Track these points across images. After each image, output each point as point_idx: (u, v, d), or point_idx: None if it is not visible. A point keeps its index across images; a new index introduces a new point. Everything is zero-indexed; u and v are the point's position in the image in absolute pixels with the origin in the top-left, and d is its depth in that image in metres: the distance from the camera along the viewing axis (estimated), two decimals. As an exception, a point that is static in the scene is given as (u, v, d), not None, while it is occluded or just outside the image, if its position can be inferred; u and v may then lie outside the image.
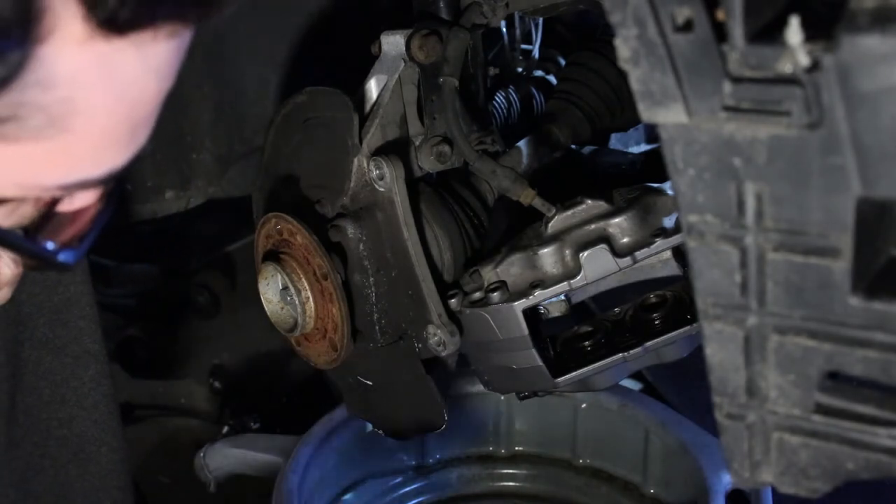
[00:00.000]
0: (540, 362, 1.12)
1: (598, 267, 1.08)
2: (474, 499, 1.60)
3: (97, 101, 0.53)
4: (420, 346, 1.17)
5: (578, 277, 1.08)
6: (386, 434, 1.34)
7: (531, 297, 1.09)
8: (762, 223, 0.64)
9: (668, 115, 0.62)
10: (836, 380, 0.69)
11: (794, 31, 0.54)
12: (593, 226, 1.09)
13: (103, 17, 0.50)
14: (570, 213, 1.11)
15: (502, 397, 1.55)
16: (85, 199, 0.63)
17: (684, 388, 1.69)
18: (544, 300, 1.11)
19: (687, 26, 0.57)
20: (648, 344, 1.11)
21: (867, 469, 0.70)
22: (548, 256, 1.10)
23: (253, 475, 1.55)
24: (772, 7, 0.57)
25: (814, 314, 0.66)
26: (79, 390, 1.25)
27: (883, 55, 0.53)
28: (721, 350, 0.71)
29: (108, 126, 0.55)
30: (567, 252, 1.09)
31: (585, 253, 1.08)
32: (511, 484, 1.60)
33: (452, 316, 1.14)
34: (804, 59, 0.55)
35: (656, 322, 1.14)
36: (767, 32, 0.57)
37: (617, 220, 1.08)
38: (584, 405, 1.53)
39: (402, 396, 1.25)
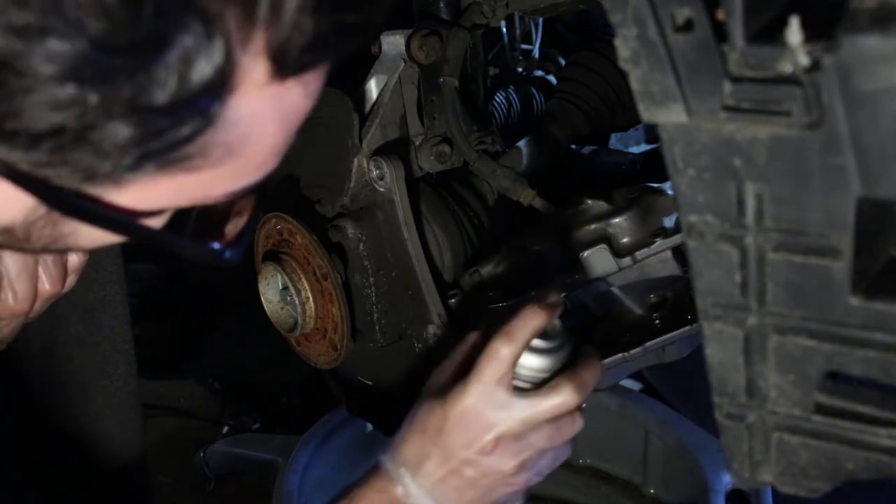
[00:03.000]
0: None
1: (597, 266, 1.08)
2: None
3: (267, 130, 0.61)
4: (420, 346, 1.17)
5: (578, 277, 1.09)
6: (386, 434, 1.34)
7: (531, 296, 1.09)
8: (762, 223, 0.64)
9: (668, 115, 0.62)
10: (836, 380, 0.69)
11: (794, 32, 0.54)
12: (593, 226, 1.09)
13: (285, 68, 0.57)
14: (570, 213, 1.11)
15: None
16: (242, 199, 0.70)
17: (684, 388, 1.69)
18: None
19: (687, 26, 0.57)
20: (648, 344, 1.12)
21: (867, 469, 0.70)
22: (549, 258, 1.10)
23: (253, 475, 1.55)
24: (772, 7, 0.57)
25: (814, 314, 0.66)
26: (107, 389, 1.28)
27: (883, 55, 0.53)
28: (721, 350, 0.71)
29: (272, 145, 0.63)
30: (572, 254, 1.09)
31: (585, 253, 1.08)
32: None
33: (452, 316, 1.14)
34: (804, 59, 0.55)
35: (656, 322, 1.14)
36: (767, 32, 0.56)
37: (617, 220, 1.08)
38: (584, 405, 1.52)
39: (402, 396, 1.25)
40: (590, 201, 1.11)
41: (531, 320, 0.93)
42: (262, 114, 0.59)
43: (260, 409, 1.83)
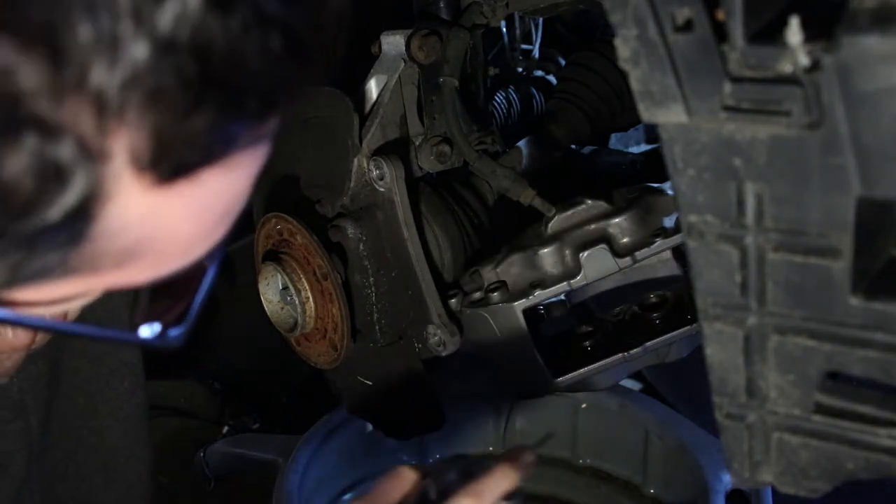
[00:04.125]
0: (540, 362, 1.12)
1: (598, 267, 1.08)
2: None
3: (178, 227, 0.50)
4: (420, 346, 1.17)
5: (578, 277, 1.09)
6: (386, 434, 1.34)
7: (531, 297, 1.09)
8: (762, 223, 0.64)
9: (668, 115, 0.62)
10: (836, 380, 0.69)
11: (794, 32, 0.54)
12: (593, 226, 1.09)
13: (159, 175, 0.46)
14: (570, 213, 1.11)
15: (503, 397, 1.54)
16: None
17: (684, 388, 1.69)
18: (544, 300, 1.11)
19: (687, 26, 0.57)
20: (648, 344, 1.12)
21: (867, 469, 0.70)
22: (548, 256, 1.10)
23: (253, 475, 1.55)
24: (772, 7, 0.57)
25: (814, 314, 0.66)
26: (113, 401, 1.26)
27: (883, 55, 0.53)
28: (721, 350, 0.71)
29: (193, 234, 0.52)
30: (567, 252, 1.09)
31: (585, 253, 1.08)
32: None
33: (452, 316, 1.14)
34: (804, 59, 0.55)
35: (656, 322, 1.14)
36: (767, 32, 0.57)
37: (617, 220, 1.08)
38: (584, 405, 1.52)
39: (402, 396, 1.25)
40: (590, 201, 1.11)
41: (503, 482, 0.82)
42: (163, 215, 0.48)
43: (260, 409, 1.83)
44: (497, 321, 1.11)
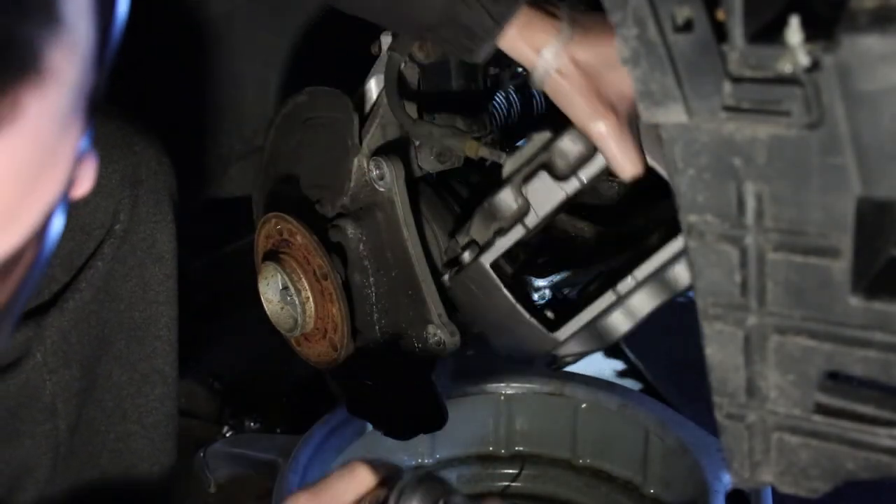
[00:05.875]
0: (528, 316, 1.06)
1: (542, 196, 1.00)
2: (474, 499, 1.60)
3: None
4: (420, 346, 1.17)
5: (530, 215, 1.01)
6: (386, 434, 1.34)
7: (493, 246, 1.05)
8: (762, 223, 0.64)
9: (668, 115, 0.62)
10: (836, 380, 0.69)
11: (794, 31, 0.54)
12: (537, 157, 1.02)
13: None
14: (518, 153, 1.04)
15: (502, 397, 1.55)
16: None
17: (684, 388, 1.69)
18: (507, 247, 1.05)
19: (687, 26, 0.57)
20: (636, 272, 0.98)
21: (867, 469, 0.71)
22: (502, 202, 1.04)
23: (253, 475, 1.55)
24: (772, 7, 0.57)
25: (814, 314, 0.66)
26: (142, 407, 1.25)
27: (883, 55, 0.53)
28: (721, 350, 0.71)
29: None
30: (517, 192, 1.04)
31: (527, 185, 1.01)
32: (511, 484, 1.60)
33: (452, 316, 1.14)
34: (804, 59, 0.55)
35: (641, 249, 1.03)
36: (767, 32, 0.57)
37: (557, 143, 1.00)
38: (584, 405, 1.53)
39: (402, 396, 1.25)
40: (535, 134, 1.02)
41: None
42: None
43: (260, 409, 1.83)
44: (475, 283, 1.06)
